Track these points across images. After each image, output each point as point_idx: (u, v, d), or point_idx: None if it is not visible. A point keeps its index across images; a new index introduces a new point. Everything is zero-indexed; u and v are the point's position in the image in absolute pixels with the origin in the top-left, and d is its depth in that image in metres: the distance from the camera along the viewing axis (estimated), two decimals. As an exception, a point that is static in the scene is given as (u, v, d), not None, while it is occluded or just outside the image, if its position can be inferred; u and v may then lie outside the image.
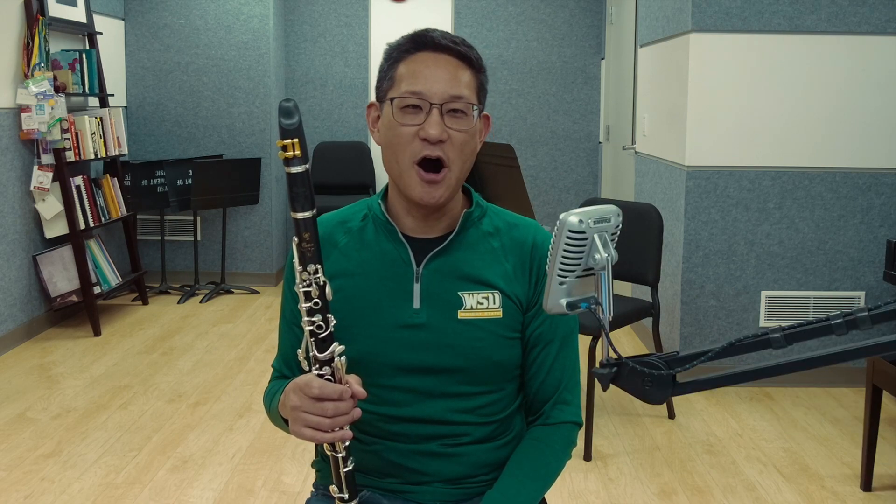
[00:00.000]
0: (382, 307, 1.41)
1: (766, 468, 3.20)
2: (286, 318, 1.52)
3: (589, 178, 6.59)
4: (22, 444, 3.32)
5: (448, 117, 1.35)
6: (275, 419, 1.45)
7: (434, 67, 1.36)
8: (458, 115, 1.36)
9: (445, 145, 1.35)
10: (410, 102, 1.35)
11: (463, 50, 1.38)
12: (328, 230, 1.47)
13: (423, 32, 1.39)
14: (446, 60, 1.37)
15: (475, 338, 1.40)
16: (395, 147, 1.37)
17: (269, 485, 3.01)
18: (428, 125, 1.33)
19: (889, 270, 3.29)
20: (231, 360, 4.40)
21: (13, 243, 4.55)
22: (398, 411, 1.42)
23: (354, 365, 1.39)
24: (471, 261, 1.43)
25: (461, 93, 1.35)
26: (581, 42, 6.48)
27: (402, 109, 1.35)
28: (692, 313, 4.06)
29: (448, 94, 1.34)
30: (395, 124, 1.36)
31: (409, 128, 1.35)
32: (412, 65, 1.37)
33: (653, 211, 3.64)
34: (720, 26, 3.88)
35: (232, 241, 6.06)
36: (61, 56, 4.93)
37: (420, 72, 1.35)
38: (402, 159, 1.36)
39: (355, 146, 6.48)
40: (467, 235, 1.45)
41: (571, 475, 3.12)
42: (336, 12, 6.46)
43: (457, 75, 1.36)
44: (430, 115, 1.34)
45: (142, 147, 6.03)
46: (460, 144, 1.36)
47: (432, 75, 1.35)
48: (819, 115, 3.94)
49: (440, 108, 1.34)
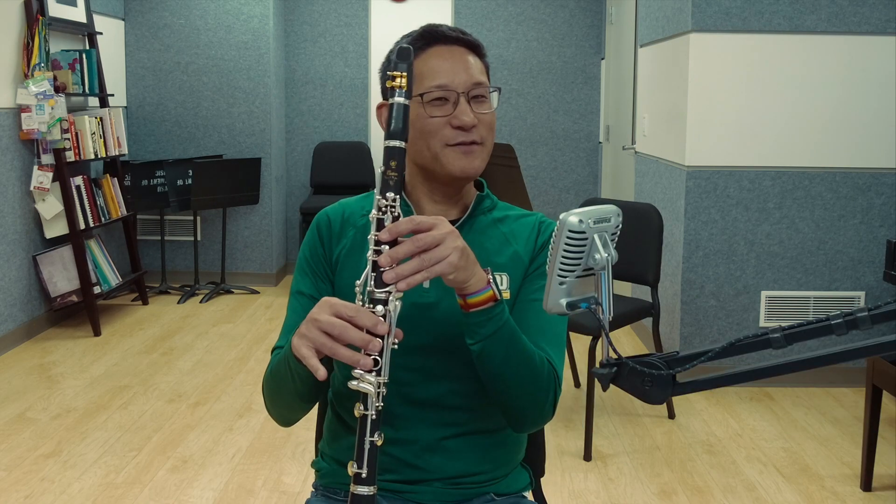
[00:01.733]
0: None
1: (766, 468, 3.20)
2: (299, 295, 1.48)
3: (589, 178, 6.59)
4: (22, 444, 3.32)
5: (473, 103, 1.43)
6: (276, 377, 1.37)
7: (451, 60, 1.43)
8: (480, 99, 1.44)
9: (477, 128, 1.43)
10: (437, 96, 1.41)
11: (472, 39, 1.47)
12: (349, 212, 1.51)
13: (433, 28, 1.46)
14: (460, 52, 1.45)
15: None
16: (426, 136, 1.42)
17: (269, 485, 3.01)
18: (460, 114, 1.41)
19: (889, 270, 3.29)
20: (231, 360, 4.40)
21: (13, 243, 4.55)
22: (402, 390, 1.41)
23: None
24: (481, 243, 1.46)
25: (480, 79, 1.44)
26: (581, 42, 6.48)
27: (430, 103, 1.42)
28: (692, 313, 4.06)
29: (470, 82, 1.42)
30: (424, 116, 1.42)
31: (438, 118, 1.42)
32: (430, 60, 1.43)
33: (653, 211, 3.64)
34: (720, 26, 3.88)
35: (232, 241, 6.06)
36: (61, 56, 4.93)
37: (439, 65, 1.43)
38: (435, 144, 1.42)
39: (355, 146, 6.48)
40: (478, 222, 1.49)
41: (571, 475, 3.12)
42: (336, 12, 6.46)
43: (472, 63, 1.44)
44: (459, 104, 1.41)
45: (142, 147, 6.03)
46: (489, 124, 1.45)
47: (452, 67, 1.42)
48: (819, 115, 3.94)
49: (466, 96, 1.42)
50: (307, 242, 1.52)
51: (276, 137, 6.16)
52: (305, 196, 6.53)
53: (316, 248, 1.49)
